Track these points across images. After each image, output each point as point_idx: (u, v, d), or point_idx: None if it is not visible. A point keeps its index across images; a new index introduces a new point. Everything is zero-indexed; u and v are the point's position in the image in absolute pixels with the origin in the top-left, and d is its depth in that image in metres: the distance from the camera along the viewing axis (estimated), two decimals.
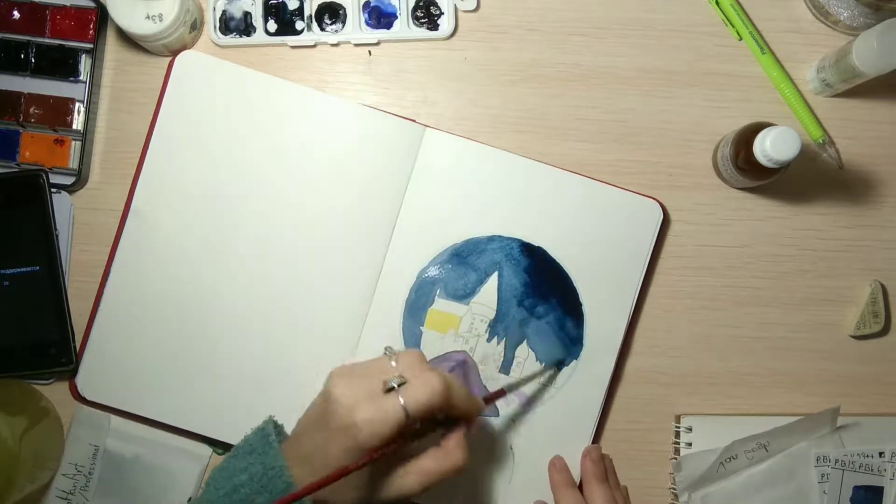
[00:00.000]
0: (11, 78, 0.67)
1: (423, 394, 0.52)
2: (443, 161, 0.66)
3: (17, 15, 0.66)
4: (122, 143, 0.68)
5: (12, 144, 0.67)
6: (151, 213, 0.66)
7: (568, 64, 0.69)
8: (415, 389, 0.52)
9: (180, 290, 0.66)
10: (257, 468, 0.54)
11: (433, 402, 0.52)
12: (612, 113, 0.69)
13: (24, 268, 0.66)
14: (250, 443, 0.56)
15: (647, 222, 0.67)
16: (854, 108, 0.69)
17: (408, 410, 0.52)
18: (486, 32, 0.69)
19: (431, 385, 0.53)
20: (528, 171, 0.67)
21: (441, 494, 0.65)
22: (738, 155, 0.63)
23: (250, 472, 0.55)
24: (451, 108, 0.69)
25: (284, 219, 0.66)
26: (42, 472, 0.65)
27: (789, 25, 0.70)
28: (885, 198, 0.70)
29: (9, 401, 0.64)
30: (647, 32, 0.69)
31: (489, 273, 0.66)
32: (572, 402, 0.67)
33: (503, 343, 0.66)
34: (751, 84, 0.69)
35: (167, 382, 0.66)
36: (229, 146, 0.67)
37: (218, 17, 0.68)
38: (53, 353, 0.66)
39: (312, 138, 0.67)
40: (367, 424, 0.51)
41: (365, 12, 0.69)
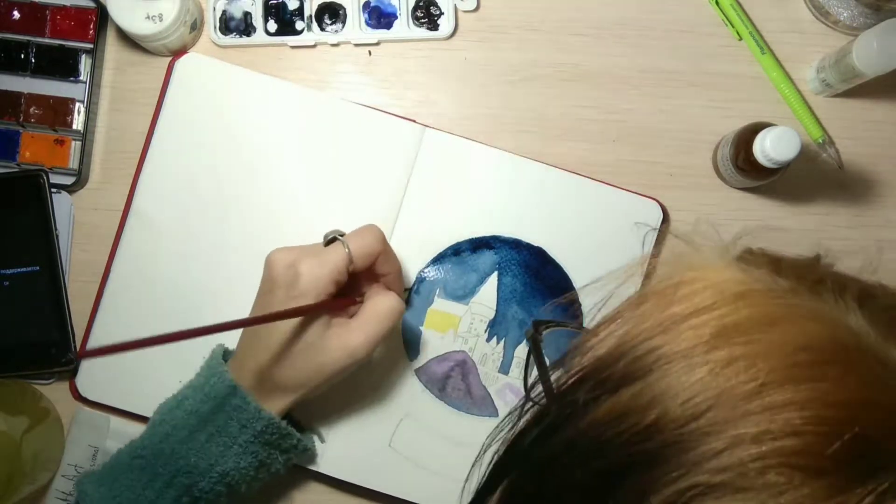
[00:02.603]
0: (11, 78, 0.67)
1: (364, 237, 0.56)
2: (443, 161, 0.66)
3: (17, 15, 0.66)
4: (122, 143, 0.68)
5: (12, 144, 0.67)
6: (151, 213, 0.66)
7: (568, 64, 0.69)
8: (355, 235, 0.56)
9: (180, 290, 0.66)
10: (199, 379, 0.56)
11: (373, 246, 0.56)
12: (612, 113, 0.69)
13: (24, 268, 0.66)
14: (200, 368, 0.58)
15: (647, 222, 0.67)
16: (854, 108, 0.69)
17: (351, 251, 0.55)
18: (486, 32, 0.69)
19: (371, 230, 0.57)
20: (528, 171, 0.67)
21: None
22: (738, 155, 0.63)
23: (193, 385, 0.56)
24: (451, 108, 0.69)
25: (284, 219, 0.66)
26: (42, 472, 0.65)
27: (789, 25, 0.70)
28: (885, 198, 0.69)
29: (9, 401, 0.64)
30: (647, 32, 0.69)
31: (489, 273, 0.66)
32: None
33: (502, 343, 0.66)
34: (751, 84, 0.69)
35: (167, 382, 0.65)
36: (229, 146, 0.67)
37: (218, 17, 0.68)
38: (53, 353, 0.66)
39: (312, 138, 0.67)
40: (309, 270, 0.54)
41: (365, 12, 0.69)
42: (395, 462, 0.65)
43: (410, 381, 0.66)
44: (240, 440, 0.55)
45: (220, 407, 0.54)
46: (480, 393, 0.66)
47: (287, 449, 0.58)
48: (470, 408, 0.66)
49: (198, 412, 0.55)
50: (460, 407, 0.66)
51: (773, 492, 0.26)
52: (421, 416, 0.65)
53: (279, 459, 0.58)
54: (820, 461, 0.26)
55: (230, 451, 0.55)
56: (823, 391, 0.28)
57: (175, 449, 0.54)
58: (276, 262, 0.55)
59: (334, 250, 0.56)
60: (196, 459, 0.54)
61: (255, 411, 0.54)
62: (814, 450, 0.26)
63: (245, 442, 0.55)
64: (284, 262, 0.55)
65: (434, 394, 0.66)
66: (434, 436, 0.65)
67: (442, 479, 0.65)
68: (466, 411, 0.66)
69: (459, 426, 0.65)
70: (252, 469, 0.56)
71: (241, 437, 0.55)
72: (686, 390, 0.29)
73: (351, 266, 0.55)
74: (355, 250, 0.55)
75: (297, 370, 0.55)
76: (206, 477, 0.54)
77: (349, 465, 0.65)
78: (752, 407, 0.27)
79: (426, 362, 0.66)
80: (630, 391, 0.30)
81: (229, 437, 0.55)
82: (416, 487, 0.65)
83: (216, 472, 0.54)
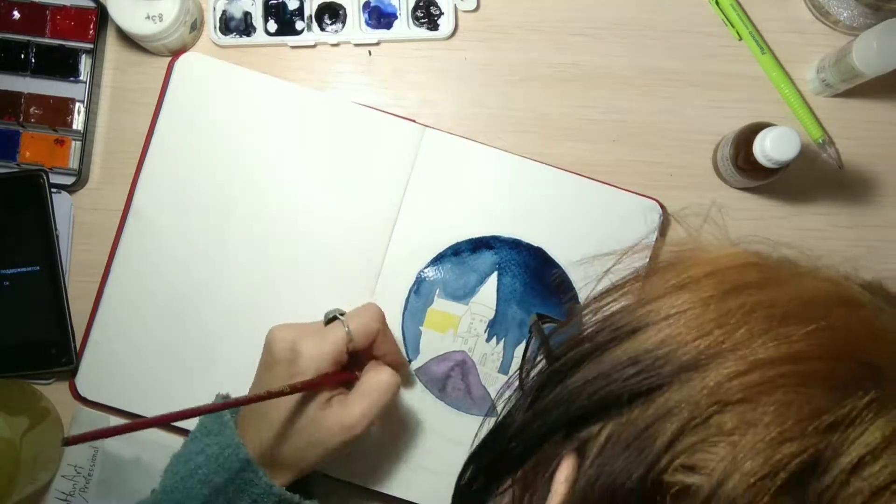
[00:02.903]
0: (11, 78, 0.67)
1: (363, 316, 0.57)
2: (443, 161, 0.66)
3: (17, 15, 0.66)
4: (122, 143, 0.68)
5: (12, 144, 0.67)
6: (151, 213, 0.66)
7: (568, 64, 0.69)
8: (355, 314, 0.58)
9: (180, 290, 0.66)
10: (213, 448, 0.56)
11: (372, 325, 0.57)
12: (612, 113, 0.69)
13: (24, 268, 0.66)
14: (205, 425, 0.57)
15: (647, 222, 0.67)
16: (854, 108, 0.69)
17: (349, 330, 0.56)
18: (487, 32, 0.69)
19: (370, 309, 0.58)
20: (528, 171, 0.67)
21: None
22: (738, 155, 0.63)
23: (206, 454, 0.56)
24: (451, 108, 0.69)
25: (284, 219, 0.66)
26: (42, 472, 0.65)
27: (789, 25, 0.70)
28: (885, 198, 0.69)
29: (9, 401, 0.64)
30: (647, 32, 0.69)
31: (488, 273, 0.66)
32: None
33: (502, 343, 0.66)
34: (751, 84, 0.69)
35: (167, 382, 0.66)
36: (229, 146, 0.67)
37: (218, 17, 0.68)
38: (53, 353, 0.66)
39: (312, 138, 0.67)
40: (310, 349, 0.54)
41: (365, 12, 0.69)
42: (395, 462, 0.65)
43: (410, 381, 0.66)
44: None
45: (232, 480, 0.54)
46: (480, 393, 0.66)
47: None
48: (470, 408, 0.66)
49: (211, 483, 0.55)
50: (460, 407, 0.66)
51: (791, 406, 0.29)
52: (421, 416, 0.65)
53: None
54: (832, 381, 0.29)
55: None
56: (836, 326, 0.31)
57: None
58: (276, 341, 0.56)
59: (334, 330, 0.56)
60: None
61: (267, 487, 0.54)
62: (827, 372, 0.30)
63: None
64: (285, 340, 0.55)
65: (434, 394, 0.66)
66: (434, 436, 0.65)
67: (442, 479, 0.65)
68: (466, 411, 0.66)
69: (459, 426, 0.65)
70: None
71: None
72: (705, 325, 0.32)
73: (350, 345, 0.56)
74: (355, 330, 0.56)
75: (298, 447, 0.55)
76: None
77: (349, 465, 0.65)
78: (770, 336, 0.30)
79: (426, 362, 0.66)
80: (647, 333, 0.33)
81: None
82: (416, 487, 0.65)
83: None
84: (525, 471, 0.37)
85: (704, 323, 0.32)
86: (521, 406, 0.38)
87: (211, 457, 0.56)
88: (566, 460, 0.33)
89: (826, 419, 0.28)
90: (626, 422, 0.32)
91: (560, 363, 0.36)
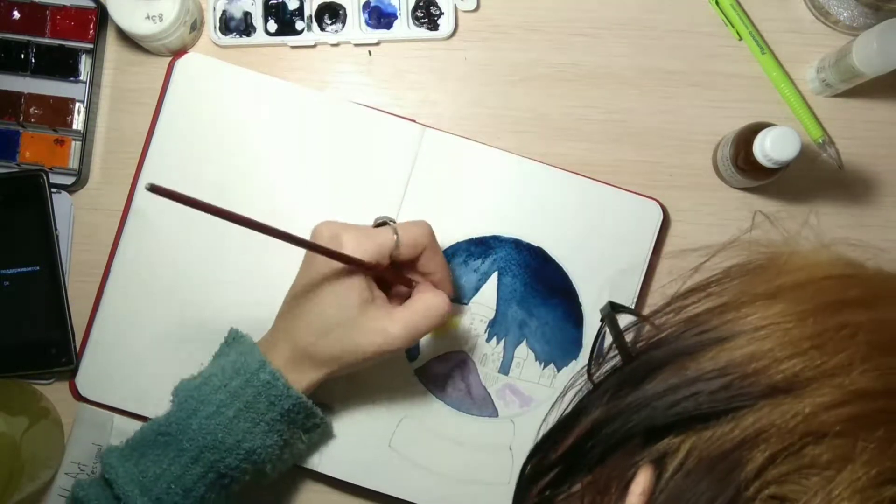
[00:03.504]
0: (11, 78, 0.67)
1: (414, 228, 0.56)
2: (443, 161, 0.66)
3: (17, 15, 0.66)
4: (122, 143, 0.68)
5: (12, 144, 0.67)
6: (151, 213, 0.66)
7: (568, 64, 0.69)
8: (406, 225, 0.56)
9: (180, 290, 0.66)
10: (225, 358, 0.56)
11: (421, 238, 0.56)
12: (612, 113, 0.69)
13: (24, 268, 0.66)
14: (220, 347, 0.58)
15: (647, 222, 0.67)
16: (854, 108, 0.69)
17: (398, 236, 0.55)
18: (487, 32, 0.69)
19: (422, 224, 0.57)
20: (528, 171, 0.67)
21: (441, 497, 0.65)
22: (738, 155, 0.63)
23: (219, 364, 0.56)
24: (451, 108, 0.69)
25: (284, 219, 0.66)
26: (42, 471, 0.65)
27: (789, 25, 0.70)
28: (885, 198, 0.69)
29: (9, 401, 0.64)
30: (647, 32, 0.69)
31: (489, 273, 0.66)
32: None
33: (502, 343, 0.66)
34: (751, 84, 0.69)
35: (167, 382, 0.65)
36: (229, 146, 0.67)
37: (218, 17, 0.68)
38: (53, 353, 0.66)
39: (312, 138, 0.67)
40: (353, 241, 0.54)
41: (365, 12, 0.69)
42: (395, 462, 0.65)
43: (410, 381, 0.66)
44: (266, 418, 0.55)
45: (248, 382, 0.54)
46: (480, 393, 0.66)
47: (310, 428, 0.59)
48: (470, 408, 0.66)
49: (226, 387, 0.54)
50: (460, 407, 0.66)
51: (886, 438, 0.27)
52: (421, 416, 0.65)
53: (302, 439, 0.59)
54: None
55: (257, 427, 0.55)
56: None
57: (202, 424, 0.54)
58: (321, 232, 0.55)
59: (383, 232, 0.55)
60: (223, 435, 0.54)
61: (284, 388, 0.54)
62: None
63: (272, 420, 0.55)
64: (330, 231, 0.55)
65: (434, 394, 0.66)
66: (434, 436, 0.65)
67: (442, 479, 0.65)
68: (466, 411, 0.66)
69: (459, 426, 0.65)
70: (277, 448, 0.56)
71: (269, 414, 0.55)
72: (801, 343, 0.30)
73: (396, 251, 0.55)
74: (403, 236, 0.55)
75: (333, 344, 0.54)
76: (232, 453, 0.54)
77: (349, 465, 0.65)
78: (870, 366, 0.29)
79: (426, 362, 0.66)
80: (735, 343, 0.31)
81: (257, 413, 0.54)
82: (416, 487, 0.65)
83: (243, 449, 0.54)
84: (597, 475, 0.35)
85: (800, 340, 0.30)
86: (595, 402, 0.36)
87: (225, 365, 0.56)
88: (643, 472, 0.32)
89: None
90: (711, 439, 0.30)
91: (639, 363, 0.34)
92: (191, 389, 0.56)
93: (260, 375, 0.54)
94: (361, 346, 0.55)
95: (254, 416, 0.55)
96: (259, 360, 0.54)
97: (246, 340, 0.57)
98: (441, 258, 0.59)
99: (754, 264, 0.35)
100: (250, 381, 0.54)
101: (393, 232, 0.55)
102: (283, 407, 0.55)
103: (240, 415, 0.54)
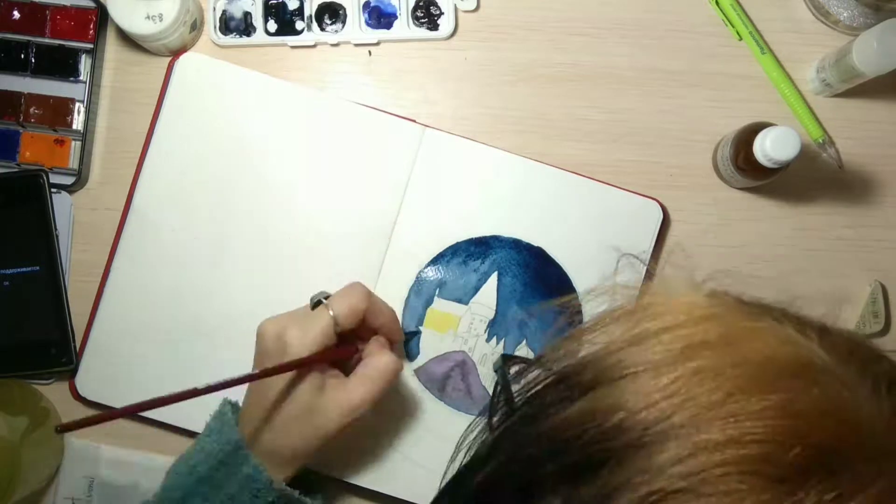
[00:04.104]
0: (11, 78, 0.67)
1: (348, 296, 0.57)
2: (443, 161, 0.66)
3: (17, 15, 0.66)
4: (122, 143, 0.68)
5: (12, 144, 0.67)
6: (151, 213, 0.66)
7: (568, 64, 0.69)
8: (339, 296, 0.57)
9: (180, 290, 0.66)
10: (213, 446, 0.56)
11: (357, 305, 0.56)
12: (612, 113, 0.69)
13: (24, 268, 0.66)
14: (209, 425, 0.57)
15: (647, 222, 0.67)
16: (854, 108, 0.69)
17: (335, 314, 0.55)
18: (486, 32, 0.69)
19: (354, 289, 0.58)
20: (528, 172, 0.67)
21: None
22: (738, 155, 0.63)
23: (206, 451, 0.56)
24: (451, 108, 0.69)
25: (284, 219, 0.66)
26: (42, 472, 0.65)
27: (789, 25, 0.70)
28: (885, 198, 0.69)
29: (9, 401, 0.64)
30: (647, 32, 0.69)
31: (489, 273, 0.66)
32: None
33: (502, 343, 0.66)
34: (751, 84, 0.69)
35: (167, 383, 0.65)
36: (229, 146, 0.67)
37: (218, 17, 0.68)
38: (53, 353, 0.66)
39: (312, 138, 0.67)
40: (297, 338, 0.54)
41: (365, 12, 0.69)
42: (395, 462, 0.65)
43: (410, 381, 0.66)
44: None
45: (232, 474, 0.54)
46: (480, 393, 0.66)
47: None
48: (470, 408, 0.66)
49: (210, 479, 0.55)
50: (460, 407, 0.66)
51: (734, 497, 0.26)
52: (421, 416, 0.65)
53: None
54: (780, 469, 0.26)
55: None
56: (787, 401, 0.28)
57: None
58: (265, 335, 0.56)
59: (319, 315, 0.56)
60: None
61: (267, 482, 0.54)
62: (775, 457, 0.27)
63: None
64: (273, 333, 0.55)
65: (434, 394, 0.66)
66: (434, 436, 0.65)
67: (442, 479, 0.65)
68: (466, 411, 0.66)
69: (459, 426, 0.65)
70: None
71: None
72: (652, 394, 0.29)
73: (337, 328, 0.56)
74: (340, 313, 0.56)
75: (295, 437, 0.55)
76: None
77: (349, 465, 0.65)
78: (716, 414, 0.28)
79: (426, 362, 0.66)
80: (599, 393, 0.30)
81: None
82: (416, 487, 0.65)
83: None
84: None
85: (653, 392, 0.29)
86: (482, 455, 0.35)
87: (211, 454, 0.56)
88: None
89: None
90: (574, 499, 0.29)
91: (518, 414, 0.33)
92: (177, 478, 0.56)
93: (243, 469, 0.54)
94: (326, 428, 0.55)
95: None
96: (243, 455, 0.54)
97: (230, 428, 0.56)
98: (383, 308, 0.59)
99: (622, 310, 0.34)
100: (234, 473, 0.54)
101: (329, 311, 0.56)
102: (267, 499, 0.55)
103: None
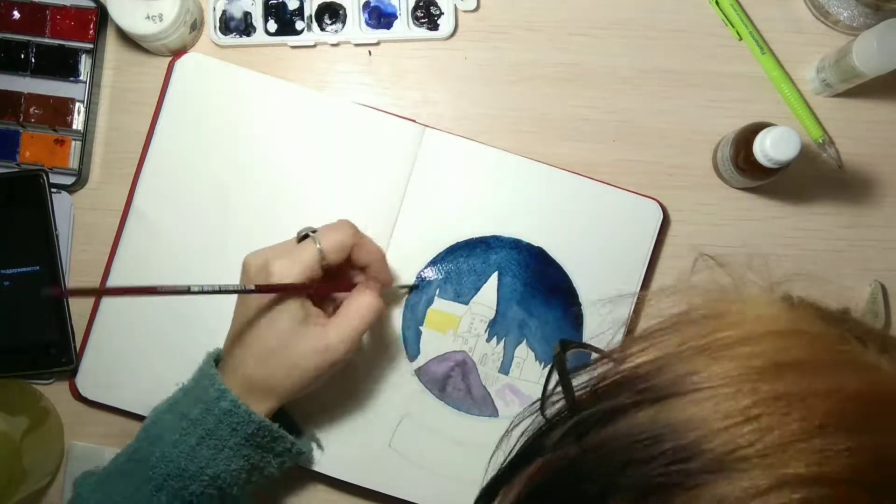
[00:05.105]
0: (11, 78, 0.67)
1: (335, 231, 0.57)
2: (443, 161, 0.66)
3: (17, 15, 0.66)
4: (122, 143, 0.68)
5: (12, 144, 0.67)
6: (151, 213, 0.66)
7: (568, 64, 0.69)
8: (326, 230, 0.57)
9: None
10: (190, 383, 0.57)
11: (345, 240, 0.56)
12: (612, 113, 0.69)
13: (24, 268, 0.66)
14: (193, 375, 0.58)
15: (647, 222, 0.67)
16: (854, 108, 0.69)
17: (321, 247, 0.55)
18: (486, 32, 0.69)
19: (342, 224, 0.57)
20: (529, 172, 0.67)
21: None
22: (738, 155, 0.63)
23: (185, 389, 0.57)
24: (451, 108, 0.69)
25: (284, 219, 0.66)
26: (43, 472, 0.65)
27: (789, 25, 0.70)
28: (885, 198, 0.69)
29: (9, 401, 0.64)
30: (647, 32, 0.69)
31: (489, 273, 0.66)
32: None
33: (503, 343, 0.66)
34: (751, 84, 0.69)
35: (167, 382, 0.65)
36: (229, 146, 0.67)
37: (218, 17, 0.68)
38: (53, 353, 0.66)
39: (312, 138, 0.67)
40: (284, 268, 0.54)
41: (365, 12, 0.69)
42: (395, 462, 0.65)
43: (410, 381, 0.66)
44: (230, 443, 0.55)
45: (209, 410, 0.55)
46: (481, 393, 0.66)
47: (280, 452, 0.58)
48: (470, 408, 0.66)
49: (188, 415, 0.55)
50: (460, 407, 0.66)
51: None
52: (421, 416, 0.65)
53: (273, 463, 0.58)
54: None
55: (221, 454, 0.55)
56: (881, 445, 0.27)
57: (165, 452, 0.54)
58: (249, 266, 0.56)
59: (305, 247, 0.56)
60: (186, 463, 0.54)
61: (245, 415, 0.55)
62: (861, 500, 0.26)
63: (236, 445, 0.55)
64: (257, 265, 0.55)
65: (434, 394, 0.66)
66: (434, 436, 0.65)
67: (442, 479, 0.65)
68: (466, 411, 0.66)
69: (459, 426, 0.65)
70: (244, 472, 0.56)
71: (232, 440, 0.55)
72: (733, 416, 0.27)
73: (324, 262, 0.56)
74: (326, 246, 0.56)
75: (275, 371, 0.55)
76: (196, 480, 0.54)
77: (349, 465, 0.65)
78: (803, 448, 0.26)
79: (426, 362, 0.66)
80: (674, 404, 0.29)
81: (220, 440, 0.55)
82: (416, 487, 0.65)
83: (207, 476, 0.54)
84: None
85: (734, 412, 0.27)
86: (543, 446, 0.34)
87: (188, 390, 0.57)
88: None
89: None
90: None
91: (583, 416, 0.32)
92: (156, 414, 0.57)
93: (220, 404, 0.55)
94: (301, 365, 0.55)
95: (216, 443, 0.55)
96: (219, 390, 0.55)
97: (209, 366, 0.57)
98: (371, 247, 0.59)
99: (696, 314, 0.32)
100: (210, 409, 0.55)
101: (316, 244, 0.56)
102: (246, 431, 0.55)
103: (202, 442, 0.54)
